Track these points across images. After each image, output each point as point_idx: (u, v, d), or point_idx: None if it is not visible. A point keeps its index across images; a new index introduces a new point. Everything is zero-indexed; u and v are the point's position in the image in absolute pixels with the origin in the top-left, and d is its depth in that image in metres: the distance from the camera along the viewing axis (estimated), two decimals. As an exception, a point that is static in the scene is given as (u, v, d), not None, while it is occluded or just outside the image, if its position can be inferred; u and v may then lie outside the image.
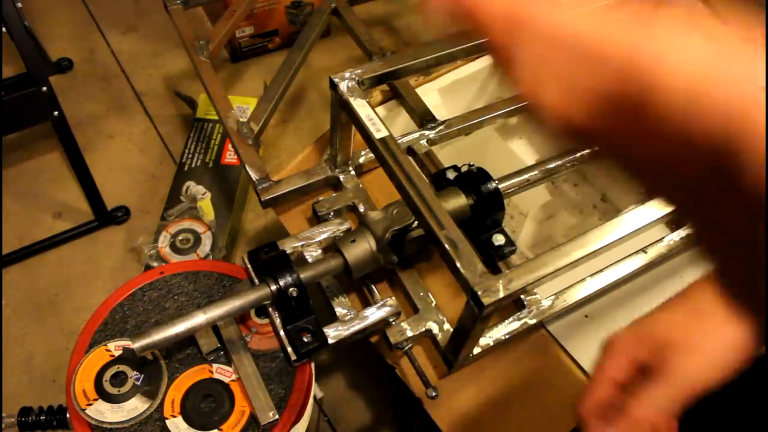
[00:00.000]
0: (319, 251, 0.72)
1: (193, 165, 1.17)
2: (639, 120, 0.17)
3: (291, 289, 0.62)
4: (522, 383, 0.72)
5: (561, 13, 0.21)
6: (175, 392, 0.63)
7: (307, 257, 0.71)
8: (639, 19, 0.17)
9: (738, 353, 0.32)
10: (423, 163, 0.82)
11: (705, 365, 0.31)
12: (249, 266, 0.69)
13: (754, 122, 0.14)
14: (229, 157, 1.18)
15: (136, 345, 0.58)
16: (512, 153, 1.02)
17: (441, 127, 0.85)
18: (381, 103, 0.95)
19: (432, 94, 0.97)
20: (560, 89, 0.20)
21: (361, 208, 0.78)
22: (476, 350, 0.69)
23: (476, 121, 0.86)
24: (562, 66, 0.20)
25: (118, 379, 0.63)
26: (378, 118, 0.66)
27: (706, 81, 0.15)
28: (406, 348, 0.69)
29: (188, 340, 0.65)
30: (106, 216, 1.16)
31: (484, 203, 0.68)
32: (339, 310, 0.69)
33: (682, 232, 0.77)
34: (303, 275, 0.64)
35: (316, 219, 0.78)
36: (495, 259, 0.71)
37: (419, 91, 0.93)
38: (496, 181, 0.69)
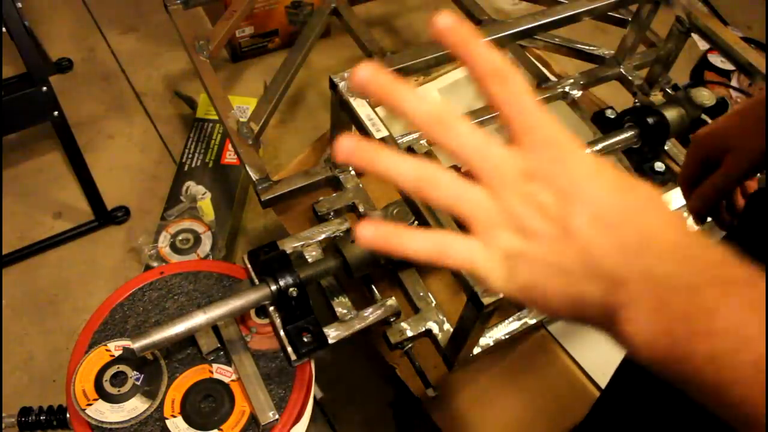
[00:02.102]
0: (319, 251, 0.72)
1: (193, 165, 1.17)
2: None
3: (291, 289, 0.62)
4: (522, 384, 0.72)
5: None
6: (175, 392, 0.63)
7: (307, 257, 0.71)
8: None
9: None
10: (423, 163, 0.82)
11: (746, 158, 0.50)
12: (249, 266, 0.69)
13: None
14: (229, 157, 1.18)
15: (136, 345, 0.58)
16: (512, 153, 1.02)
17: (441, 127, 0.85)
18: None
19: (432, 94, 0.97)
20: None
21: (361, 208, 0.78)
22: (476, 350, 0.69)
23: (476, 121, 0.86)
24: None
25: (118, 379, 0.63)
26: (378, 118, 0.66)
27: None
28: (406, 348, 0.69)
29: (188, 340, 0.65)
30: (106, 216, 1.16)
31: (484, 203, 0.68)
32: (339, 310, 0.69)
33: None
34: (303, 275, 0.64)
35: (316, 219, 0.78)
36: (495, 259, 0.71)
37: (419, 91, 0.93)
38: (496, 181, 0.69)
